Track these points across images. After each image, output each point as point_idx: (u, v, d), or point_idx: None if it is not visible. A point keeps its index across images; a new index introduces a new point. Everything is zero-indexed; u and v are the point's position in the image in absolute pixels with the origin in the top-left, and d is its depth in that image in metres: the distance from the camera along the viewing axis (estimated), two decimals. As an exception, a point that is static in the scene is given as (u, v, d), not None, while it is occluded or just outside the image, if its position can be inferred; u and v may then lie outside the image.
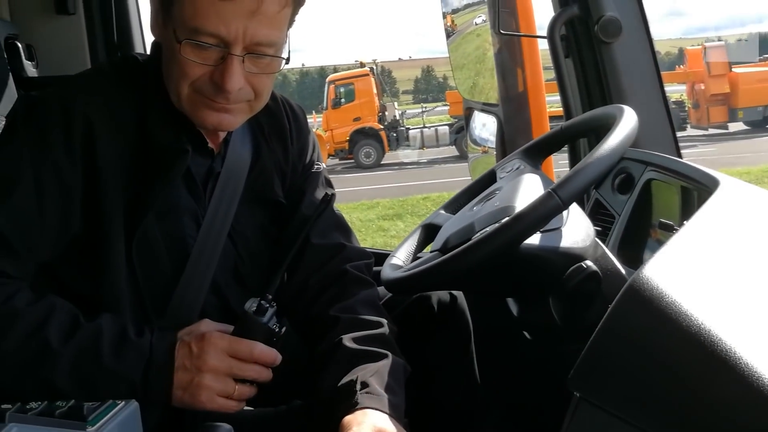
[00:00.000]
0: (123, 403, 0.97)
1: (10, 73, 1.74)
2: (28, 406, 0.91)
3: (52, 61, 2.28)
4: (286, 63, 1.29)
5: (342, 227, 1.54)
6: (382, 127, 21.00)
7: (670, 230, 1.35)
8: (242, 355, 1.23)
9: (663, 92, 1.83)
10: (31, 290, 1.21)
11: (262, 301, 1.26)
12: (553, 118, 2.75)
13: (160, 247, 1.32)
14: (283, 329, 1.28)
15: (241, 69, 1.22)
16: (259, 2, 1.18)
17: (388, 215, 10.96)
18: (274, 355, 1.27)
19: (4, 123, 1.61)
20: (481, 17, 2.93)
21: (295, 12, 1.28)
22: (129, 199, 1.28)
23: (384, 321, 1.38)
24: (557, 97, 2.04)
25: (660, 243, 1.43)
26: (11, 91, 1.68)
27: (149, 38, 2.42)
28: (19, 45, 2.16)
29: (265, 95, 1.33)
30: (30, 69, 2.19)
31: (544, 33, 1.95)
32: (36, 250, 1.23)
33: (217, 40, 1.20)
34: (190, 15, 1.19)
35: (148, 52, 1.42)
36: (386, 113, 22.10)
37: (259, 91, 1.29)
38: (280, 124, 1.51)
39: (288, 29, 1.29)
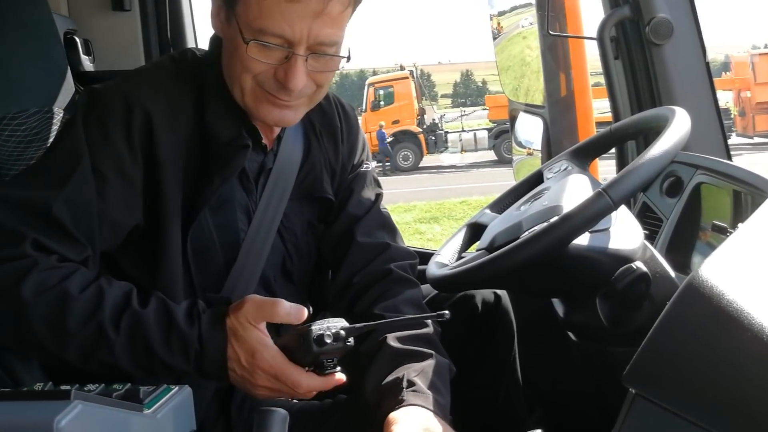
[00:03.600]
0: (177, 388, 0.99)
1: (69, 68, 1.78)
2: (86, 388, 0.93)
3: (107, 56, 2.33)
4: (348, 61, 1.30)
5: (388, 227, 1.54)
6: (420, 130, 21.00)
7: (723, 232, 1.34)
8: (289, 384, 1.21)
9: (714, 95, 1.81)
10: (88, 273, 1.22)
11: (328, 334, 1.18)
12: (599, 124, 2.73)
13: (213, 239, 1.35)
14: (336, 369, 1.22)
15: (304, 68, 1.24)
16: (325, 4, 1.19)
17: (425, 218, 10.96)
18: (318, 388, 1.23)
19: (62, 115, 1.66)
20: (528, 19, 2.92)
21: (354, 10, 1.29)
22: (186, 192, 1.30)
23: (428, 321, 1.38)
24: (603, 103, 2.02)
25: (711, 246, 1.41)
26: (69, 85, 1.72)
27: (201, 35, 2.47)
28: (77, 40, 2.22)
29: (326, 87, 1.35)
30: (87, 63, 2.24)
31: (593, 35, 1.94)
32: (97, 238, 1.25)
33: (281, 40, 1.21)
34: (255, 15, 1.21)
35: (200, 47, 1.44)
36: (425, 116, 22.10)
37: (321, 83, 1.31)
38: (331, 123, 1.52)
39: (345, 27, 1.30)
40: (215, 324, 1.21)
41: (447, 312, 1.18)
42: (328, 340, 1.18)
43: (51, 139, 1.61)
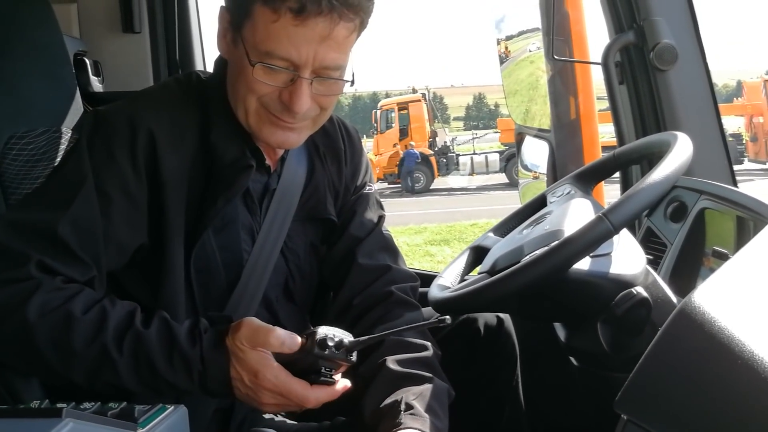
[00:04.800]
0: (172, 407, 0.99)
1: (78, 88, 1.80)
2: (82, 406, 0.94)
3: (117, 77, 2.36)
4: (351, 85, 1.31)
5: (389, 248, 1.54)
6: (432, 152, 21.07)
7: (724, 258, 1.33)
8: (295, 400, 1.21)
9: (719, 120, 1.81)
10: (93, 293, 1.23)
11: (331, 336, 1.19)
12: (605, 148, 2.73)
13: (216, 260, 1.35)
14: (332, 380, 1.22)
15: (308, 91, 1.25)
16: (331, 29, 1.21)
17: (435, 240, 10.94)
18: (325, 399, 1.23)
19: (70, 135, 1.68)
20: (535, 44, 2.93)
21: (359, 35, 1.30)
22: (190, 213, 1.31)
23: (428, 344, 1.38)
24: (609, 128, 2.02)
25: (713, 271, 1.41)
26: (78, 105, 1.74)
27: (209, 57, 2.50)
28: (87, 61, 2.25)
29: (329, 110, 1.36)
30: (96, 84, 2.27)
31: (598, 60, 1.94)
32: (103, 258, 1.26)
33: (287, 63, 1.23)
34: (262, 38, 1.22)
35: (208, 69, 1.46)
36: (437, 139, 22.19)
37: (325, 107, 1.32)
38: (335, 145, 1.53)
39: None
40: (216, 345, 1.20)
41: (448, 317, 1.18)
42: (330, 344, 1.18)
43: (59, 159, 1.63)
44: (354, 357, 1.21)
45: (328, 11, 1.19)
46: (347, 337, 1.21)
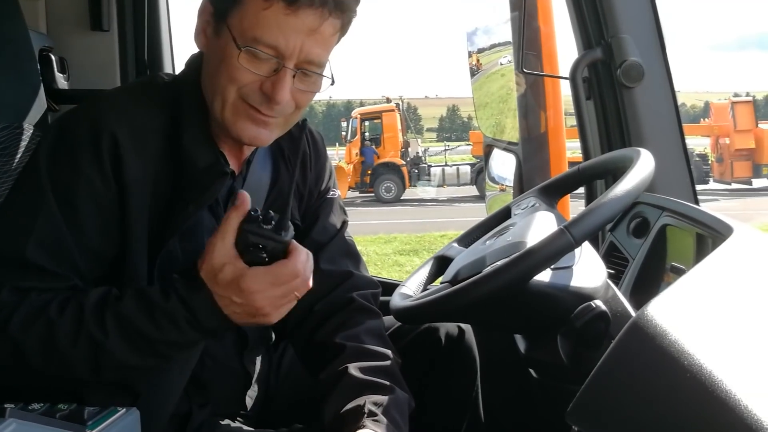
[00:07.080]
0: (124, 410, 0.98)
1: (42, 84, 1.77)
2: (30, 406, 0.92)
3: (83, 75, 2.32)
4: (332, 84, 1.32)
5: (352, 254, 1.54)
6: (404, 162, 21.12)
7: (681, 274, 1.35)
8: (290, 276, 1.20)
9: (683, 139, 1.84)
10: (66, 294, 1.22)
11: (271, 214, 1.20)
12: (572, 164, 2.75)
13: (180, 265, 1.33)
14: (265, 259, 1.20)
15: (291, 82, 1.25)
16: (320, 22, 1.22)
17: (404, 250, 10.95)
18: (307, 260, 1.23)
19: (32, 132, 1.65)
20: (507, 57, 2.95)
21: (340, 38, 1.31)
22: (154, 218, 1.29)
23: (389, 353, 1.38)
24: (577, 143, 2.05)
25: (671, 287, 1.43)
26: (41, 102, 1.71)
27: (179, 57, 2.47)
28: (53, 57, 2.21)
29: (302, 110, 1.35)
30: (61, 81, 2.23)
31: (567, 75, 1.96)
32: (83, 268, 1.25)
33: (274, 51, 1.23)
34: (251, 24, 1.22)
35: (176, 71, 1.45)
36: (409, 149, 22.25)
37: (300, 105, 1.31)
38: (300, 149, 1.52)
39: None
40: (192, 287, 1.19)
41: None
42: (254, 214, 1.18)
43: (19, 156, 1.60)
44: (286, 237, 1.20)
45: (319, 4, 1.20)
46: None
